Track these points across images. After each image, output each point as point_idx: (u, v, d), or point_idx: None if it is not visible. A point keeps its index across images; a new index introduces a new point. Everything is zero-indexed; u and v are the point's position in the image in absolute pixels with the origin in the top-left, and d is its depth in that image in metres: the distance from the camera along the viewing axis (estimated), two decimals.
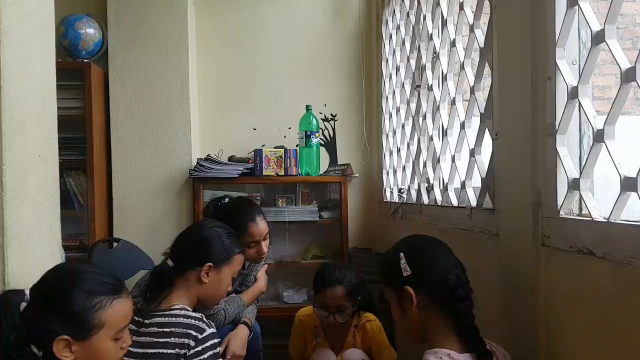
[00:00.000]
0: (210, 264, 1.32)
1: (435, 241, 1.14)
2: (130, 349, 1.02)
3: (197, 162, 2.53)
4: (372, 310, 1.81)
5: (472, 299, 1.04)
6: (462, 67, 1.58)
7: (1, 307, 0.86)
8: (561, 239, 1.01)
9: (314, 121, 2.62)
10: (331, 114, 2.86)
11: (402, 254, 1.07)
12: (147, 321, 1.21)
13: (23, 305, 0.88)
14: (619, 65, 0.88)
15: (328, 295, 1.64)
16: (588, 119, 0.99)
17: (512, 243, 1.20)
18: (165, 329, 1.20)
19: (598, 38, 0.94)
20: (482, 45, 1.43)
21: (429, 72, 1.95)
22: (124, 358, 1.01)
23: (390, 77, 2.52)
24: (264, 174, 2.56)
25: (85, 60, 2.50)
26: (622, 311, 0.83)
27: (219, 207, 1.87)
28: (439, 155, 1.81)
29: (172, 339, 1.18)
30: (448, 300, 1.02)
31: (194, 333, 1.19)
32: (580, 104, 1.01)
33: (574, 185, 1.02)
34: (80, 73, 2.42)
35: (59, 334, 0.87)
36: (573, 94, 1.02)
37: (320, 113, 2.81)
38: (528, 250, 1.11)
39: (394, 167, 2.48)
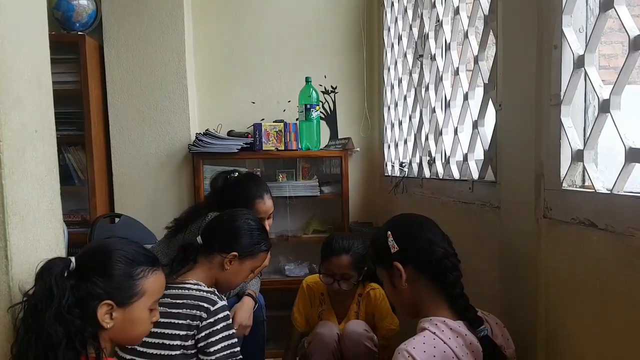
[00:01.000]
0: (236, 253, 1.35)
1: (421, 218, 1.17)
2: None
3: (196, 137, 2.51)
4: (378, 280, 1.83)
5: (460, 270, 1.07)
6: (466, 35, 1.55)
7: (49, 272, 0.90)
8: (563, 211, 1.01)
9: (314, 94, 2.58)
10: (331, 86, 2.82)
11: (389, 232, 1.11)
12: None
13: (67, 272, 0.91)
14: (627, 33, 0.86)
15: (334, 262, 1.67)
16: (594, 89, 0.97)
17: (514, 215, 1.19)
18: (177, 301, 1.23)
19: (607, 4, 0.91)
20: (486, 12, 1.39)
21: (431, 41, 1.92)
22: None
23: (392, 46, 2.47)
24: (263, 148, 2.54)
25: (79, 33, 2.45)
26: (623, 282, 0.83)
27: (227, 180, 1.86)
28: (442, 127, 1.79)
29: (184, 310, 1.21)
30: (436, 272, 1.05)
31: (205, 305, 1.21)
32: (586, 73, 0.99)
33: (578, 156, 1.01)
34: (74, 46, 2.37)
35: (103, 298, 0.92)
36: (579, 62, 0.99)
37: (320, 85, 2.78)
38: (529, 222, 1.11)
39: (395, 141, 2.46)
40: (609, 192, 0.89)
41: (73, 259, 0.94)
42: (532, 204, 1.10)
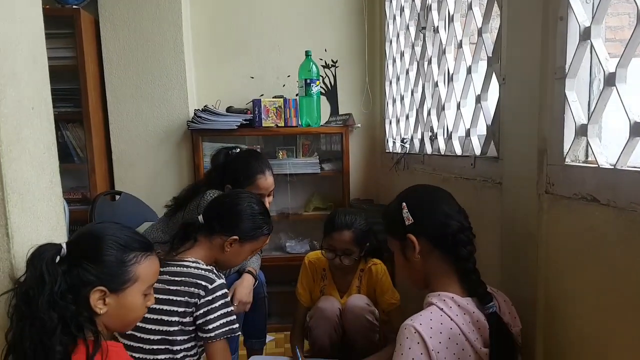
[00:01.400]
0: (237, 237, 1.34)
1: (437, 189, 1.14)
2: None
3: (195, 114, 2.48)
4: (380, 257, 1.84)
5: (474, 245, 1.06)
6: (470, 7, 1.51)
7: (40, 258, 0.88)
8: (565, 186, 1.01)
9: (314, 68, 2.54)
10: (332, 60, 2.78)
11: (404, 204, 1.09)
12: (161, 269, 1.23)
13: (58, 257, 0.90)
14: (636, 3, 0.83)
15: (336, 238, 1.68)
16: (600, 62, 0.95)
17: (515, 191, 1.19)
18: (176, 278, 1.23)
19: None
20: None
21: (434, 13, 1.88)
22: None
23: (394, 18, 2.42)
24: (263, 125, 2.52)
25: (74, 7, 2.40)
26: (625, 257, 0.83)
27: (228, 156, 1.85)
28: (444, 102, 1.77)
29: (183, 287, 1.22)
30: (450, 246, 1.04)
31: (203, 283, 1.22)
32: (592, 46, 0.97)
33: (582, 131, 1.00)
34: (69, 20, 2.32)
35: (95, 284, 0.91)
36: (585, 35, 0.97)
37: (321, 59, 2.73)
38: (531, 198, 1.11)
39: (397, 116, 2.44)
40: (612, 167, 0.89)
41: (64, 244, 0.92)
42: (534, 180, 1.10)
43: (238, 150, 1.89)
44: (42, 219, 1.04)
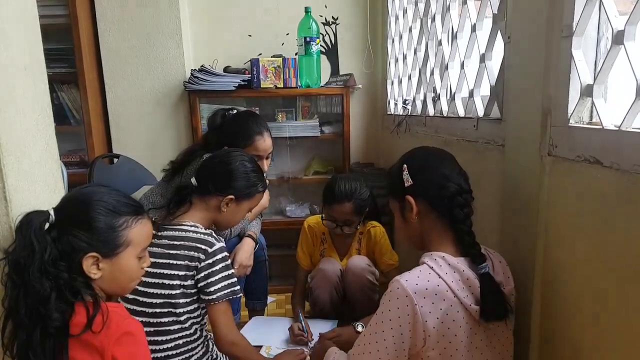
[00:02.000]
0: (232, 196, 1.33)
1: (439, 151, 1.15)
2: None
3: (191, 74, 2.43)
4: (378, 220, 1.86)
5: (472, 207, 1.07)
6: None
7: (28, 226, 0.87)
8: (568, 148, 1.00)
9: (314, 26, 2.47)
10: (332, 17, 2.70)
11: (405, 165, 1.10)
12: (159, 233, 1.25)
13: (47, 225, 0.89)
14: None
15: (336, 209, 1.68)
16: (608, 19, 0.92)
17: (518, 153, 1.18)
18: (175, 242, 1.24)
19: None
20: None
21: None
22: None
23: None
24: (261, 86, 2.47)
25: None
26: (627, 220, 0.83)
27: (225, 117, 1.82)
28: (447, 61, 1.73)
29: (182, 251, 1.22)
30: (446, 208, 1.05)
31: (203, 247, 1.22)
32: (601, 2, 0.93)
33: (587, 91, 0.98)
34: None
35: (87, 251, 0.90)
36: None
37: (321, 16, 2.66)
38: (533, 160, 1.10)
39: (399, 76, 2.40)
40: (617, 128, 0.87)
41: (52, 211, 0.91)
42: (537, 142, 1.08)
43: (235, 111, 1.85)
44: (40, 182, 1.04)
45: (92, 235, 0.90)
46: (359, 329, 1.55)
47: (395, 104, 2.47)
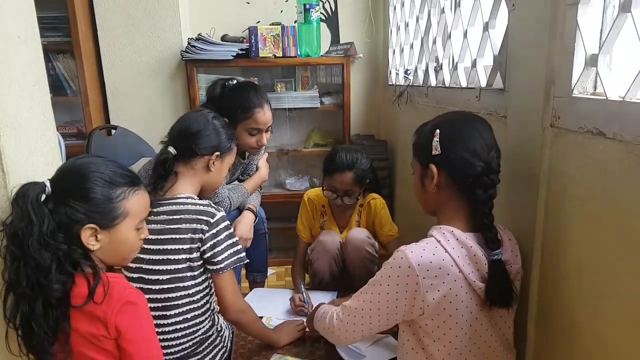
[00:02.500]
0: (218, 153, 1.33)
1: (477, 121, 1.06)
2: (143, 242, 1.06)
3: (188, 43, 2.39)
4: (378, 192, 1.86)
5: (496, 188, 1.02)
6: None
7: (24, 197, 0.87)
8: (571, 119, 0.98)
9: None
10: None
11: (437, 131, 1.03)
12: (155, 210, 1.23)
13: (43, 196, 0.88)
14: None
15: (337, 179, 1.67)
16: None
17: (520, 124, 1.17)
18: (174, 216, 1.23)
19: None
20: None
21: None
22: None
23: None
24: (260, 55, 2.43)
25: None
26: (628, 192, 0.83)
27: (225, 88, 1.78)
28: (450, 30, 1.69)
29: (184, 225, 1.21)
30: (469, 186, 1.00)
31: (205, 218, 1.22)
32: None
33: (592, 61, 0.96)
34: None
35: (84, 222, 0.90)
36: None
37: None
38: (535, 131, 1.09)
39: (400, 45, 2.35)
40: (622, 99, 0.86)
41: (48, 182, 0.90)
42: (540, 113, 1.07)
43: (235, 82, 1.81)
44: (38, 154, 1.03)
45: (89, 206, 0.90)
46: None
47: (397, 74, 2.43)
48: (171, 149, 1.29)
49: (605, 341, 0.89)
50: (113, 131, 2.34)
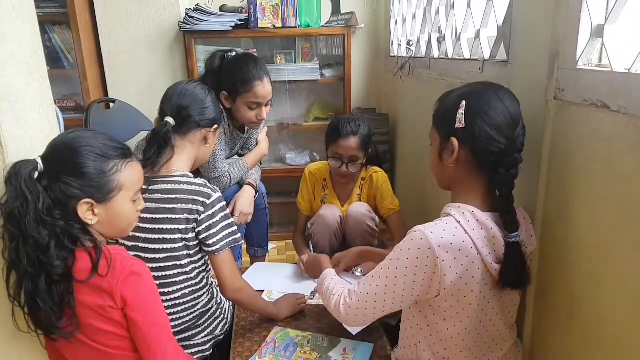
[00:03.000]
0: (217, 125, 1.32)
1: (506, 95, 0.99)
2: (140, 214, 1.06)
3: (186, 14, 2.34)
4: (379, 165, 1.86)
5: (519, 168, 0.97)
6: None
7: (17, 176, 0.86)
8: (576, 91, 0.97)
9: None
10: None
11: (464, 102, 0.96)
12: (150, 188, 1.21)
13: (36, 174, 0.88)
14: None
15: (342, 145, 1.67)
16: None
17: (523, 97, 1.15)
18: (170, 196, 1.21)
19: None
20: None
21: None
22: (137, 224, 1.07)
23: None
24: (259, 26, 2.39)
25: None
26: (632, 166, 0.82)
27: (224, 59, 1.74)
28: None
29: (180, 205, 1.20)
30: (491, 165, 0.96)
31: (201, 199, 1.21)
32: None
33: (597, 32, 0.95)
34: None
35: (80, 197, 0.89)
36: None
37: None
38: (538, 104, 1.08)
39: (403, 15, 2.30)
40: (627, 71, 0.84)
41: (39, 159, 0.89)
42: (544, 85, 1.05)
43: (234, 53, 1.77)
44: (35, 128, 1.02)
45: (83, 181, 0.89)
46: (358, 273, 1.59)
47: (399, 45, 2.39)
48: (170, 120, 1.26)
49: (605, 316, 0.90)
50: (111, 104, 2.32)
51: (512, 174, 0.95)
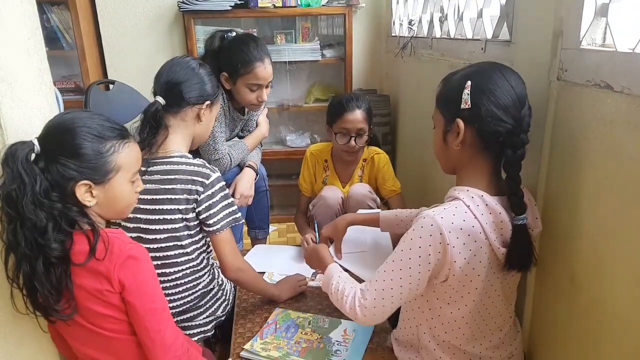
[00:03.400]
0: (209, 102, 1.28)
1: (511, 75, 0.97)
2: (139, 195, 1.05)
3: None
4: (378, 146, 1.86)
5: (525, 149, 0.96)
6: None
7: (13, 158, 0.85)
8: (579, 72, 0.96)
9: None
10: None
11: (469, 82, 0.94)
12: (149, 169, 1.21)
13: (33, 155, 0.87)
14: None
15: (349, 119, 1.68)
16: None
17: (526, 78, 1.13)
18: (169, 176, 1.21)
19: None
20: None
21: None
22: (136, 205, 1.06)
23: None
24: (259, 5, 2.36)
25: None
26: (633, 147, 0.82)
27: (224, 39, 1.72)
28: None
29: (179, 185, 1.20)
30: (498, 146, 0.94)
31: (199, 179, 1.20)
32: None
33: (602, 11, 0.93)
34: None
35: (77, 179, 0.89)
36: None
37: None
38: (541, 85, 1.07)
39: None
40: (631, 51, 0.83)
41: (35, 140, 0.88)
42: (547, 65, 1.05)
43: (234, 34, 1.75)
44: (35, 109, 1.01)
45: (80, 162, 0.89)
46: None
47: (400, 25, 2.36)
48: (160, 99, 1.23)
49: (604, 297, 0.91)
50: (111, 86, 2.30)
51: (519, 155, 0.94)
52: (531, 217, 1.00)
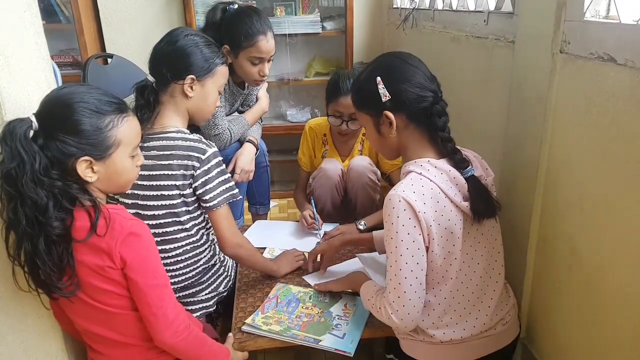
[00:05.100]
0: (192, 76, 1.22)
1: (408, 57, 1.06)
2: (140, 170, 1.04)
3: None
4: None
5: (447, 114, 1.04)
6: None
7: (12, 135, 0.84)
8: (582, 44, 0.95)
9: None
10: None
11: (378, 78, 1.02)
12: (145, 145, 1.20)
13: (31, 132, 0.86)
14: None
15: (342, 103, 1.64)
16: None
17: (528, 50, 1.13)
18: (165, 152, 1.20)
19: None
20: None
21: None
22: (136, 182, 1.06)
23: None
24: None
25: None
26: (635, 122, 0.81)
27: (226, 12, 1.68)
28: None
29: (175, 161, 1.19)
30: (426, 118, 1.02)
31: (196, 155, 1.19)
32: None
33: None
34: None
35: (77, 155, 0.88)
36: None
37: None
38: (544, 57, 1.06)
39: None
40: (635, 23, 0.82)
41: (33, 117, 0.87)
42: (550, 37, 1.03)
43: (236, 6, 1.71)
44: (32, 84, 1.01)
45: (79, 138, 0.87)
46: (361, 226, 1.60)
47: None
48: (150, 77, 1.23)
49: (604, 269, 0.92)
50: (109, 60, 2.28)
51: (445, 120, 1.02)
52: (481, 168, 1.07)
